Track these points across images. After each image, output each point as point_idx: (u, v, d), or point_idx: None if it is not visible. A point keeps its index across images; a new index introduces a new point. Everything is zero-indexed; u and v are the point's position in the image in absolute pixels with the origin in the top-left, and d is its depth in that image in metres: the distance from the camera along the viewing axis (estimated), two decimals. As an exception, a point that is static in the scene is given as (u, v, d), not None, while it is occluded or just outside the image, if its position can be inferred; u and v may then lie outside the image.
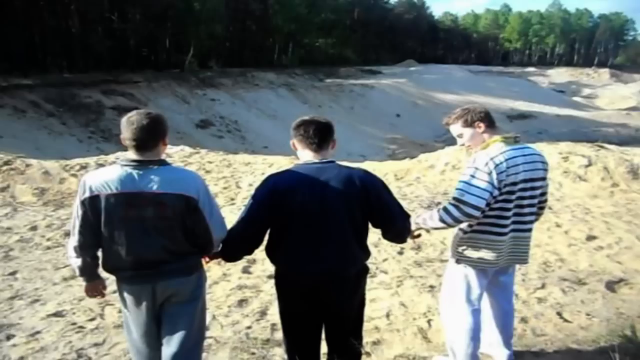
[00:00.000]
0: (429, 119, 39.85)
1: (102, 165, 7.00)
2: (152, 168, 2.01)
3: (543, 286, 3.92)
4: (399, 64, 67.08)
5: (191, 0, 36.58)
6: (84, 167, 7.19)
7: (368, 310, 2.93)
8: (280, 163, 7.97)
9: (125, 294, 2.15)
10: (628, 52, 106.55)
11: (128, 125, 2.03)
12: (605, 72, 77.14)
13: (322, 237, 2.13)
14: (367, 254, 2.31)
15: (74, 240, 2.08)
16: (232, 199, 5.89)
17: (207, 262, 2.32)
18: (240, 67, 43.22)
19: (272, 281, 4.23)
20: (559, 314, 3.45)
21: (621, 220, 5.37)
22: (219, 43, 45.64)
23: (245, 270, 4.47)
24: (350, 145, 31.26)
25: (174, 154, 7.90)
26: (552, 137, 39.42)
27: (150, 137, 2.02)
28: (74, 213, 2.06)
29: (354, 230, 2.18)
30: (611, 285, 3.92)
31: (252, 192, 2.28)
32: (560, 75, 75.39)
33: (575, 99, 57.89)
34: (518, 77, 67.63)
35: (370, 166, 7.73)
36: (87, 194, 1.98)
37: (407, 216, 2.38)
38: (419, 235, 2.57)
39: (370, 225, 2.29)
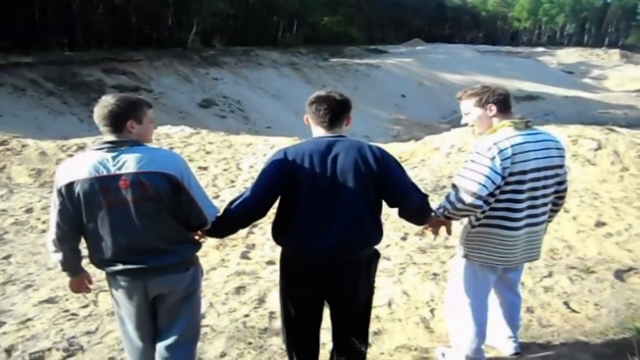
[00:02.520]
0: (434, 99, 39.41)
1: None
2: (126, 148, 1.91)
3: (550, 274, 3.80)
4: (405, 43, 66.03)
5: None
6: (81, 148, 7.05)
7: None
8: (282, 144, 7.81)
9: (114, 290, 2.05)
10: (639, 32, 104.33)
11: (98, 108, 1.97)
12: (615, 53, 75.69)
13: (332, 210, 2.02)
14: (380, 233, 2.17)
15: (51, 233, 1.97)
16: (233, 181, 5.76)
17: (199, 237, 2.21)
18: (243, 45, 42.65)
19: (271, 267, 4.17)
20: (566, 303, 3.34)
21: (631, 206, 5.22)
22: (223, 21, 45.03)
23: (244, 256, 4.37)
24: (354, 126, 30.46)
25: (174, 134, 7.76)
26: (559, 119, 38.94)
27: (119, 117, 1.92)
28: (52, 204, 1.95)
29: (366, 204, 2.06)
30: (620, 275, 3.79)
31: (253, 174, 2.23)
32: (569, 55, 74.04)
33: (584, 80, 56.99)
34: (526, 57, 66.50)
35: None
36: (63, 182, 1.88)
37: (425, 195, 2.25)
38: (437, 232, 2.46)
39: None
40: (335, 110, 2.15)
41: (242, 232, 4.91)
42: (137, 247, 1.92)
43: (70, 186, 1.87)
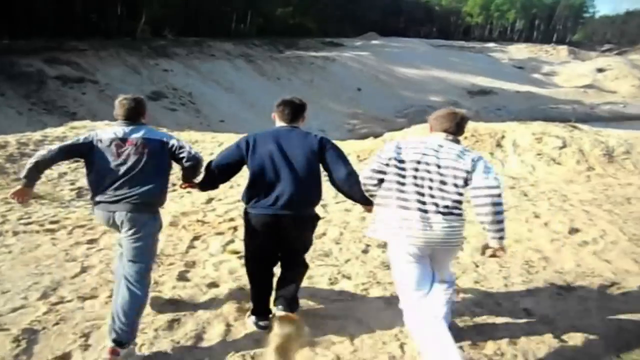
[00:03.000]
0: (390, 93, 39.48)
1: (42, 141, 5.95)
2: (137, 127, 2.80)
3: (529, 293, 3.40)
4: (361, 36, 66.01)
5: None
6: (24, 144, 6.00)
7: (329, 333, 2.87)
8: (231, 141, 7.16)
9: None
10: (586, 29, 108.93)
11: (120, 106, 2.81)
12: (563, 49, 78.75)
13: (284, 176, 2.71)
14: (319, 196, 2.87)
15: (56, 146, 2.70)
16: (174, 185, 5.08)
17: (184, 187, 3.04)
18: (195, 36, 41.14)
19: (213, 291, 3.59)
20: (551, 332, 2.93)
21: (601, 209, 4.94)
22: (174, 10, 43.19)
23: (182, 277, 3.73)
24: (310, 121, 30.19)
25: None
26: (511, 114, 39.95)
27: (136, 114, 2.83)
28: (75, 138, 2.80)
29: (309, 172, 2.74)
30: (604, 291, 3.44)
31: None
32: (519, 51, 76.38)
33: (535, 75, 58.88)
34: (479, 52, 68.06)
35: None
36: (91, 138, 2.73)
37: (353, 170, 2.77)
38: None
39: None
40: (295, 111, 2.89)
41: (182, 247, 4.28)
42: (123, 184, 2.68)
43: (94, 141, 2.72)
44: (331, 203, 5.14)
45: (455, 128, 2.61)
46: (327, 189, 2.96)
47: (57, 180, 4.95)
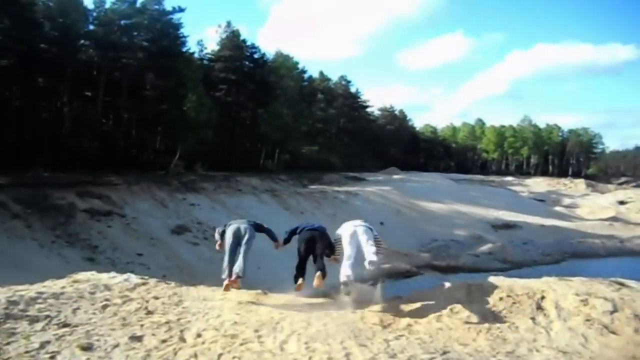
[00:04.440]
0: (413, 227, 39.12)
1: (36, 299, 5.46)
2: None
3: None
4: (382, 171, 68.19)
5: (186, 108, 37.19)
6: (14, 303, 5.39)
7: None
8: (242, 299, 6.63)
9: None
10: (599, 163, 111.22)
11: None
12: (581, 182, 79.33)
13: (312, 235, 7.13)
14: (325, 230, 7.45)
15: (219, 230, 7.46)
16: (168, 361, 4.45)
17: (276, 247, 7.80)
18: (226, 171, 43.05)
19: None
20: None
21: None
22: (207, 147, 46.01)
23: None
24: (333, 255, 29.83)
25: (114, 285, 6.51)
26: (538, 248, 38.74)
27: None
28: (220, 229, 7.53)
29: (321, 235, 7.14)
30: None
31: (199, 348, 3.93)
32: (538, 184, 77.13)
33: (557, 208, 58.39)
34: (498, 185, 68.90)
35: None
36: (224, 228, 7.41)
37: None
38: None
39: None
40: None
41: None
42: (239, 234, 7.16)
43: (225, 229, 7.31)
44: None
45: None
46: None
47: (37, 352, 4.39)
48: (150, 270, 19.96)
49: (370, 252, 6.54)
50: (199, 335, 5.13)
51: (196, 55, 47.51)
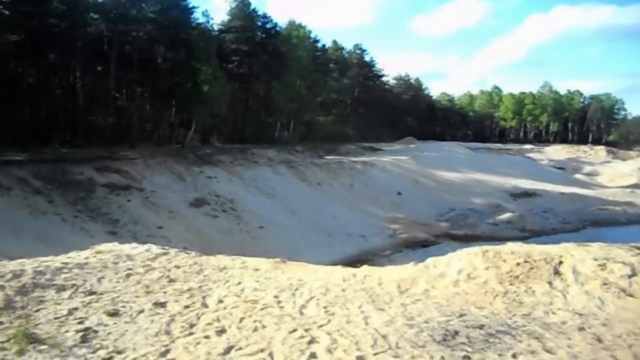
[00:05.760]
0: (431, 197, 39.00)
1: (62, 269, 5.68)
2: None
3: None
4: (399, 140, 67.65)
5: (199, 82, 37.08)
6: (40, 273, 5.76)
7: None
8: (261, 266, 6.75)
9: None
10: (620, 130, 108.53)
11: None
12: (601, 149, 77.72)
13: None
14: None
15: None
16: (192, 326, 4.59)
17: None
18: (241, 143, 43.20)
19: None
20: None
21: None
22: (222, 120, 46.09)
23: None
24: (351, 225, 30.02)
25: (137, 255, 6.68)
26: (558, 216, 38.39)
27: None
28: None
29: None
30: None
31: (220, 312, 3.07)
32: (557, 152, 75.80)
33: (577, 176, 57.46)
34: (517, 154, 67.89)
35: (371, 273, 6.52)
36: None
37: None
38: None
39: None
40: None
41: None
42: None
43: None
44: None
45: None
46: None
47: (65, 318, 4.57)
48: (171, 242, 20.36)
49: None
50: (220, 301, 5.28)
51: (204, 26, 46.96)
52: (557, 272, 6.23)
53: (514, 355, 4.21)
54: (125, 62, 36.75)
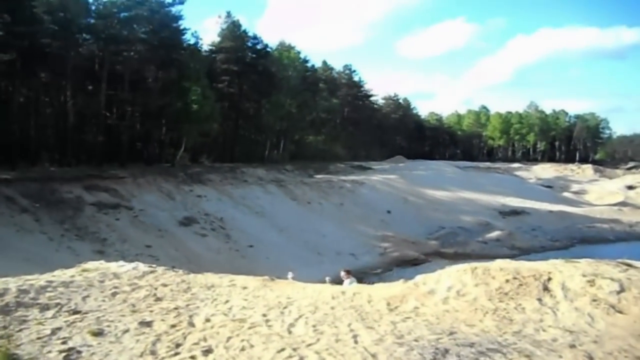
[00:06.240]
0: (420, 215, 39.10)
1: (46, 287, 5.51)
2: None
3: None
4: (388, 159, 68.01)
5: (190, 102, 37.17)
6: (24, 292, 5.54)
7: None
8: (249, 285, 6.68)
9: None
10: (606, 148, 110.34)
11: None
12: (588, 168, 78.76)
13: None
14: None
15: None
16: (178, 345, 4.50)
17: None
18: (231, 162, 43.13)
19: None
20: None
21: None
22: (211, 139, 46.05)
23: None
24: (341, 244, 29.91)
25: (124, 273, 6.58)
26: (546, 234, 38.63)
27: None
28: None
29: None
30: None
31: (207, 332, 2.90)
32: (545, 170, 76.65)
33: (565, 194, 58.07)
34: (505, 172, 68.54)
35: (360, 291, 6.47)
36: None
37: None
38: None
39: None
40: None
41: None
42: None
43: None
44: None
45: None
46: None
47: (49, 338, 4.45)
48: (159, 261, 20.10)
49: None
50: (207, 320, 5.19)
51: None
52: (546, 289, 6.23)
53: (504, 373, 4.17)
54: (116, 82, 36.81)
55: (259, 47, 51.78)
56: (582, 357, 4.55)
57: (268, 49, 53.37)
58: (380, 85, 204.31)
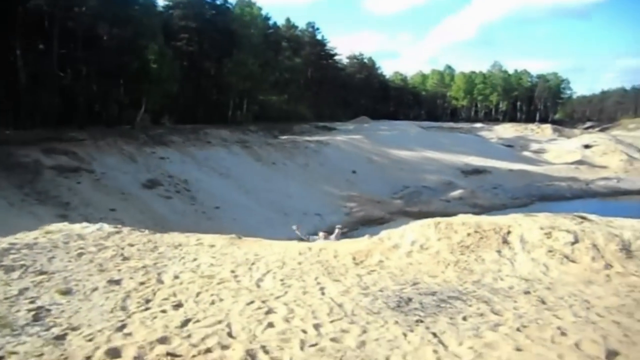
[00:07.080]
0: (385, 175, 39.68)
1: (9, 249, 5.39)
2: None
3: None
4: (353, 120, 68.08)
5: (147, 61, 35.60)
6: None
7: None
8: (217, 243, 6.69)
9: None
10: (566, 108, 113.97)
11: None
12: (548, 128, 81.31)
13: None
14: None
15: None
16: (148, 301, 4.51)
17: None
18: (193, 123, 42.12)
19: None
20: None
21: (635, 320, 4.38)
22: (173, 100, 44.64)
23: None
24: (307, 204, 30.16)
25: (89, 234, 6.46)
26: (507, 192, 40.08)
27: None
28: None
29: None
30: None
31: (177, 287, 2.72)
32: (506, 130, 78.67)
33: (525, 153, 59.94)
34: (467, 132, 69.99)
35: (326, 247, 6.59)
36: None
37: None
38: None
39: None
40: None
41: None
42: None
43: None
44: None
45: None
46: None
47: (16, 297, 4.37)
48: (124, 224, 19.58)
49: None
50: (176, 277, 5.20)
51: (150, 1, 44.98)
52: (505, 241, 6.53)
53: (464, 318, 4.41)
54: (68, 40, 34.79)
55: (218, 2, 49.82)
56: (535, 302, 4.85)
57: (228, 4, 51.46)
58: (344, 44, 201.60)
